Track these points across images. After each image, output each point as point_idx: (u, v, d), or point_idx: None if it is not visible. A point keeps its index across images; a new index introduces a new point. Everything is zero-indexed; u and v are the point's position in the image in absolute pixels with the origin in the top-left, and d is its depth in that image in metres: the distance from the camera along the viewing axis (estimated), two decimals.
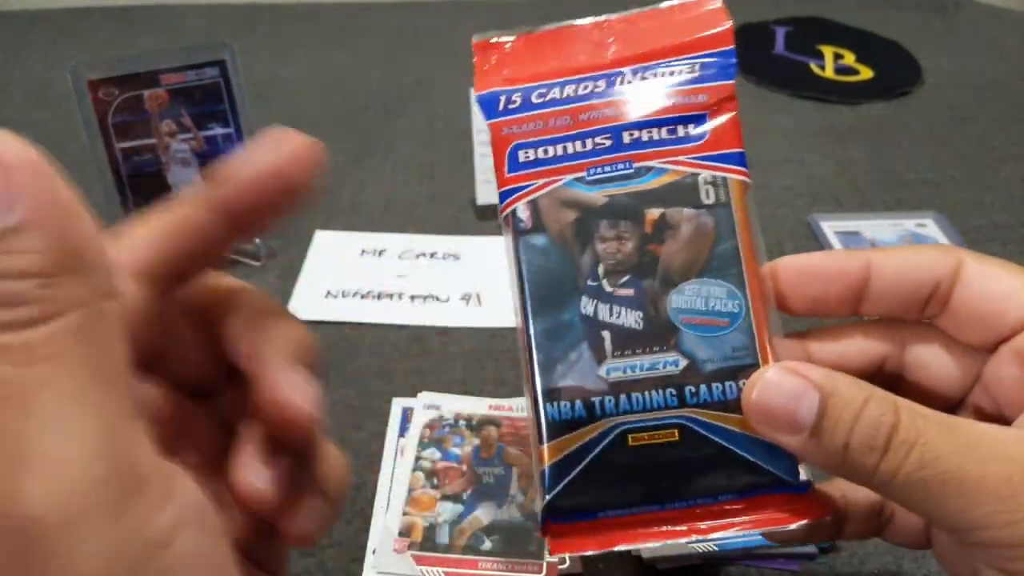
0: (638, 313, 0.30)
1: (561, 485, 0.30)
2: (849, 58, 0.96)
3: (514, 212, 0.32)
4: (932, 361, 0.32)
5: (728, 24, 0.33)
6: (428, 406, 0.54)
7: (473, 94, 0.36)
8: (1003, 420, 0.30)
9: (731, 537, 0.29)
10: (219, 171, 0.24)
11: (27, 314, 0.18)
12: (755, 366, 0.29)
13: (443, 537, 0.46)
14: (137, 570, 0.19)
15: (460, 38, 1.01)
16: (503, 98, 0.34)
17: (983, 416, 0.31)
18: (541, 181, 0.32)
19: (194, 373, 0.27)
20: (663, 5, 0.35)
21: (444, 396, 0.55)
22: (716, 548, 0.45)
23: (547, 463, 0.30)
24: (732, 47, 0.33)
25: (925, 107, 0.88)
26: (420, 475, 0.50)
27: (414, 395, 0.55)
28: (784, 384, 0.27)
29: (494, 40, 0.36)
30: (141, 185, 0.62)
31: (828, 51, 0.97)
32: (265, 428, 0.24)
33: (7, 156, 0.18)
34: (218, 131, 0.64)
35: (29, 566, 0.18)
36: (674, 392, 0.30)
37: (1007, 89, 0.92)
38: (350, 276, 0.65)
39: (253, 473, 0.24)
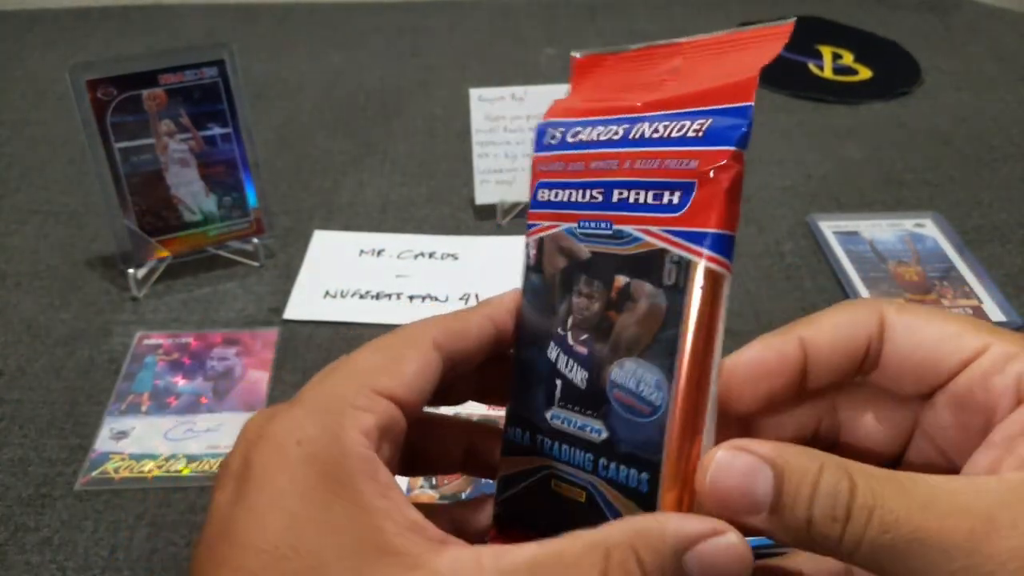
0: (584, 373, 0.30)
1: (505, 496, 0.32)
2: (848, 58, 0.96)
3: (527, 246, 0.33)
4: (866, 418, 0.32)
5: (755, 71, 0.28)
6: None
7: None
8: (951, 466, 0.30)
9: None
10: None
11: None
12: (657, 468, 0.28)
13: None
14: None
15: (459, 38, 1.02)
16: (549, 131, 0.34)
17: (930, 465, 0.31)
18: (548, 223, 0.32)
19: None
20: (742, 30, 0.30)
21: None
22: None
23: (500, 473, 0.33)
24: (749, 103, 0.28)
25: (924, 107, 0.88)
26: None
27: None
28: (735, 464, 0.26)
29: (586, 58, 0.34)
30: (140, 185, 0.62)
31: (827, 51, 0.97)
32: None
33: None
34: (217, 131, 0.64)
35: None
36: (591, 458, 0.30)
37: (1006, 89, 0.92)
38: (349, 276, 0.65)
39: None
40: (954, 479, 0.27)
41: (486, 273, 0.66)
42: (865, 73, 0.94)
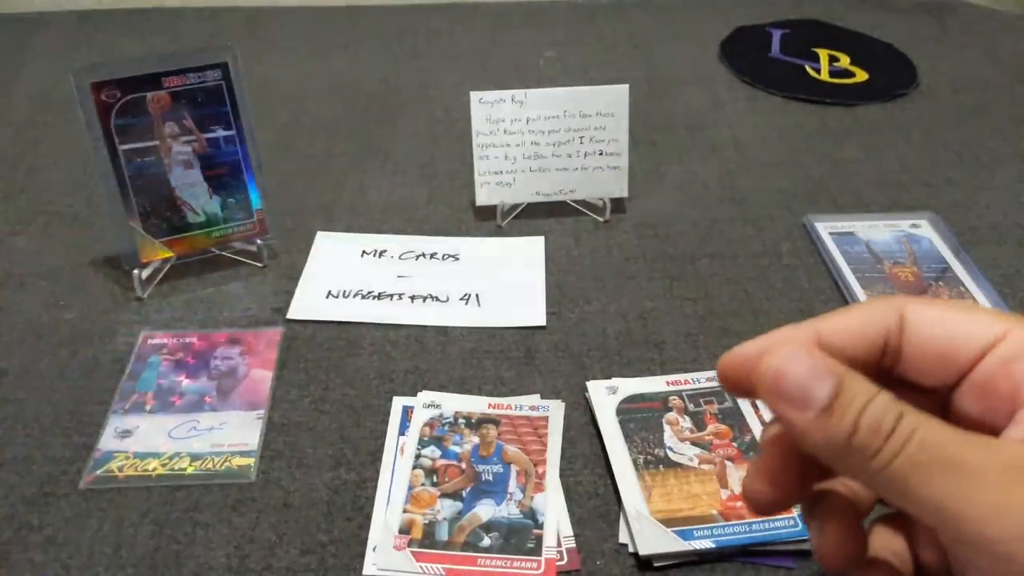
0: None
1: None
2: (844, 61, 0.97)
3: None
4: None
5: None
6: (428, 405, 0.54)
7: None
8: None
9: None
10: None
11: None
12: None
13: (442, 534, 0.47)
14: None
15: (460, 41, 1.02)
16: None
17: None
18: None
19: None
20: None
21: (444, 395, 0.55)
22: (713, 545, 0.45)
23: None
24: None
25: (920, 109, 0.89)
26: (420, 473, 0.50)
27: (414, 394, 0.55)
28: (804, 361, 0.28)
29: None
30: (143, 187, 0.63)
31: (823, 54, 0.98)
32: None
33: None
34: (220, 133, 0.64)
35: None
36: None
37: (1002, 90, 0.92)
38: (351, 277, 0.66)
39: None
40: (989, 437, 0.28)
41: (486, 273, 0.66)
42: (862, 75, 0.94)
